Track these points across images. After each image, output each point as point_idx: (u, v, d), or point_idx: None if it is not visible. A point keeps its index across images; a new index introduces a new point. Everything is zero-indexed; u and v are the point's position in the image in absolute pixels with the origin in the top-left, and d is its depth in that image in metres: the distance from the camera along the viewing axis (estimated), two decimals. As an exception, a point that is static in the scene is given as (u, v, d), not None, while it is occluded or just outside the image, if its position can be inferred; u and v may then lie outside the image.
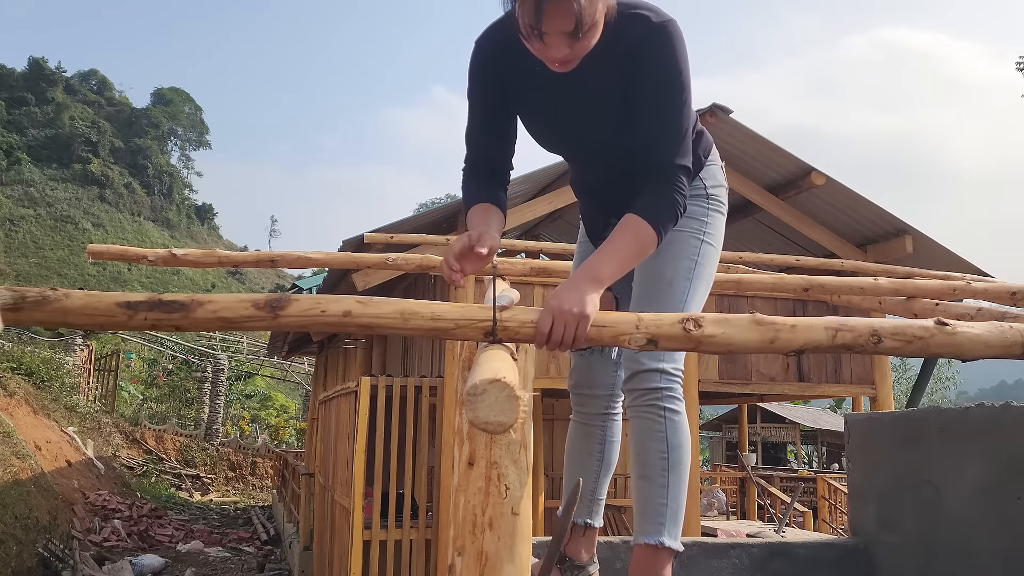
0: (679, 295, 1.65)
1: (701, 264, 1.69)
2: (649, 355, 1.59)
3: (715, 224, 1.74)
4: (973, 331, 1.15)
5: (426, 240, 3.74)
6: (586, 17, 1.33)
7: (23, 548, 7.96)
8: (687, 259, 1.67)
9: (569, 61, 1.43)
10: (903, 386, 24.57)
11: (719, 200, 1.76)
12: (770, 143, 6.59)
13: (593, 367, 1.84)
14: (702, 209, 1.71)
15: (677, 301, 1.64)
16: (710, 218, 1.72)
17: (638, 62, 1.47)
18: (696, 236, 1.69)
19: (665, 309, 1.62)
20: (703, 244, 1.70)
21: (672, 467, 1.61)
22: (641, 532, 1.62)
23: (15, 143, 65.85)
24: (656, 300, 1.64)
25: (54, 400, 13.14)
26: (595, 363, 1.83)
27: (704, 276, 1.70)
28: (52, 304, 1.08)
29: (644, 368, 1.61)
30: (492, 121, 1.62)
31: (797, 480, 12.92)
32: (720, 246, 1.78)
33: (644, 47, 1.46)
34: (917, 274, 3.18)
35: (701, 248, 1.69)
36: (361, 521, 5.41)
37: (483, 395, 0.85)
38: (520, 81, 1.57)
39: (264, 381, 28.00)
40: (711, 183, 1.74)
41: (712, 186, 1.74)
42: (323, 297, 1.16)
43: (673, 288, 1.65)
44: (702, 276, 1.69)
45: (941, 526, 2.38)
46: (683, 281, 1.66)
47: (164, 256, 2.67)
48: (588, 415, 1.87)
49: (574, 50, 1.39)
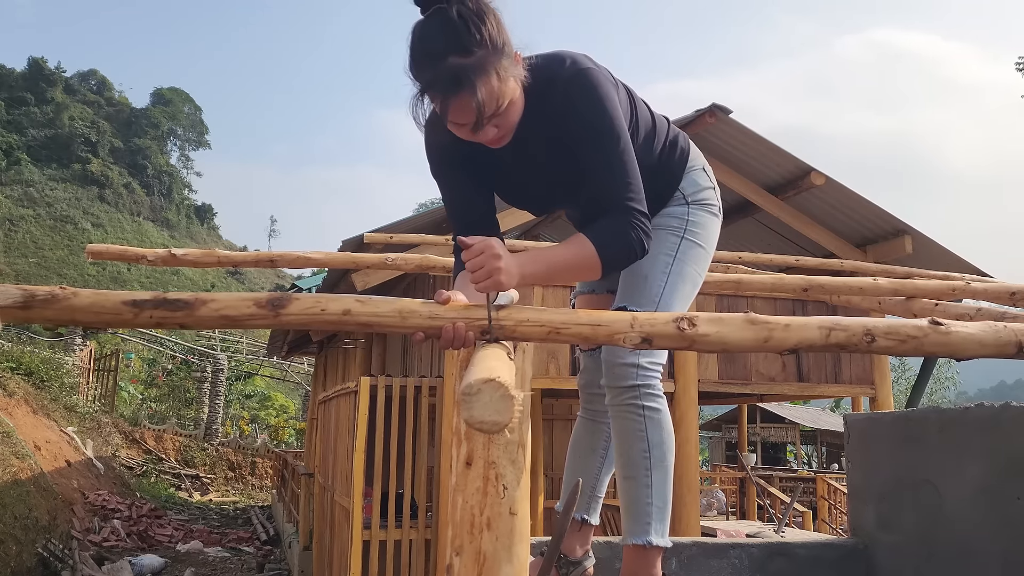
0: (655, 289, 1.66)
1: (681, 260, 1.69)
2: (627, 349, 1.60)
3: (700, 223, 1.74)
4: (967, 331, 1.14)
5: (426, 240, 3.74)
6: (489, 104, 1.35)
7: (23, 548, 7.96)
8: (664, 255, 1.68)
9: (500, 137, 1.45)
10: (902, 386, 24.57)
11: (705, 201, 1.76)
12: (769, 143, 6.59)
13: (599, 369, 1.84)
14: (682, 209, 1.72)
15: (653, 295, 1.65)
16: (692, 216, 1.73)
17: (564, 112, 1.48)
18: (675, 233, 1.70)
19: (641, 303, 1.64)
20: (683, 240, 1.70)
21: (655, 465, 1.64)
22: (629, 533, 1.65)
23: (15, 143, 65.79)
24: (633, 294, 1.66)
25: (54, 400, 13.14)
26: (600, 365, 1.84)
27: (685, 273, 1.70)
28: (61, 302, 1.10)
29: (620, 362, 1.63)
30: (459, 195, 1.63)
31: (797, 480, 12.92)
32: (710, 246, 1.77)
33: (565, 98, 1.47)
34: (916, 274, 3.18)
35: (681, 244, 1.70)
36: (361, 521, 5.41)
37: (478, 395, 0.85)
38: (472, 154, 1.58)
39: (264, 381, 27.99)
40: (691, 189, 1.75)
41: (693, 192, 1.75)
42: (323, 296, 1.16)
43: (649, 282, 1.66)
44: (682, 273, 1.69)
45: (941, 526, 2.39)
46: (659, 276, 1.67)
47: (163, 256, 2.67)
48: (596, 412, 1.88)
49: (499, 128, 1.42)
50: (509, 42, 1.39)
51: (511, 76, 1.39)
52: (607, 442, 1.87)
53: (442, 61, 1.32)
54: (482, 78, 1.33)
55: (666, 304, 1.66)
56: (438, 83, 1.33)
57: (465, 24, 1.32)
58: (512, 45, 1.40)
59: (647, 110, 1.70)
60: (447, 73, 1.32)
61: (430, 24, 1.36)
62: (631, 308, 1.62)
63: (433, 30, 1.35)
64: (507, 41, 1.38)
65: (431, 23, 1.35)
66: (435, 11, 1.35)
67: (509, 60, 1.38)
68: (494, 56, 1.35)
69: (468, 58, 1.32)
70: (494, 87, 1.35)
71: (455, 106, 1.35)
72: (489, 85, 1.34)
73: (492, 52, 1.34)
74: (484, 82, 1.33)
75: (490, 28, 1.34)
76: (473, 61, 1.32)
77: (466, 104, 1.34)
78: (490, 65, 1.34)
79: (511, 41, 1.40)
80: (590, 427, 1.90)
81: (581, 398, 1.92)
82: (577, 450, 1.92)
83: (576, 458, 1.91)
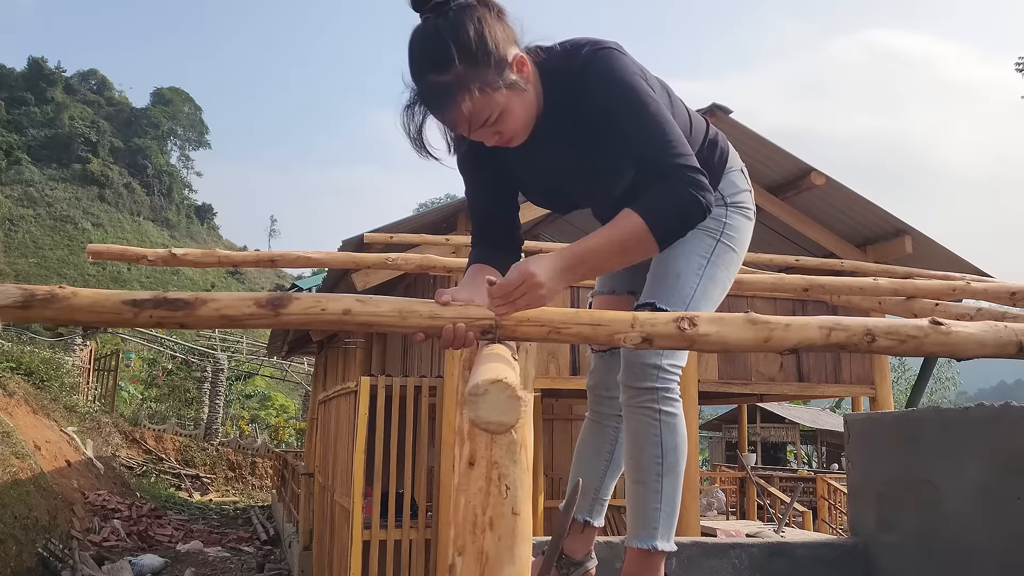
0: (687, 289, 1.60)
1: (714, 264, 1.64)
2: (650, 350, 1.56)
3: (736, 227, 1.69)
4: (967, 331, 1.15)
5: (426, 240, 3.74)
6: (475, 118, 1.34)
7: (23, 548, 7.96)
8: (699, 255, 1.63)
9: (507, 141, 1.44)
10: (902, 386, 24.57)
11: (741, 204, 1.71)
12: (770, 143, 6.59)
13: (612, 368, 1.80)
14: (720, 210, 1.66)
15: (685, 295, 1.60)
16: (730, 219, 1.67)
17: (586, 100, 1.44)
18: (711, 235, 1.64)
19: (671, 302, 1.59)
20: (719, 244, 1.65)
21: (667, 472, 1.61)
22: (634, 535, 1.63)
23: (15, 143, 65.79)
24: (664, 293, 1.60)
25: (54, 400, 13.14)
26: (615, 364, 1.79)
27: (717, 277, 1.65)
28: (61, 302, 1.10)
29: (642, 362, 1.59)
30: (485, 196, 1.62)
31: (797, 480, 12.92)
32: (742, 250, 1.72)
33: (584, 85, 1.43)
34: (917, 274, 3.18)
35: (716, 248, 1.65)
36: (361, 521, 5.41)
37: (485, 395, 0.85)
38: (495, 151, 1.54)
39: (264, 381, 27.97)
40: (730, 191, 1.69)
41: (731, 194, 1.69)
42: (323, 296, 1.17)
43: (681, 282, 1.61)
44: (714, 276, 1.64)
45: (941, 526, 2.39)
46: (692, 276, 1.61)
47: (164, 256, 2.67)
48: (603, 415, 1.86)
49: (502, 134, 1.41)
50: (499, 50, 1.34)
51: (501, 87, 1.35)
52: (612, 445, 1.85)
53: (423, 79, 1.33)
54: (462, 94, 1.31)
55: (696, 306, 1.60)
56: (422, 99, 1.35)
57: (443, 39, 1.30)
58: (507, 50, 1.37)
59: (684, 109, 1.64)
60: (426, 90, 1.33)
61: (415, 36, 1.35)
62: (660, 306, 1.57)
63: (416, 43, 1.35)
64: (495, 50, 1.33)
65: (416, 35, 1.35)
66: (422, 21, 1.35)
67: (497, 71, 1.34)
68: (474, 71, 1.31)
69: (445, 76, 1.31)
70: (475, 100, 1.32)
71: (444, 120, 1.36)
72: (472, 100, 1.32)
73: (471, 67, 1.31)
74: (466, 98, 1.31)
75: (470, 41, 1.31)
76: (450, 79, 1.30)
77: (450, 118, 1.35)
78: (470, 81, 1.31)
79: (506, 46, 1.36)
80: (596, 429, 1.87)
81: (589, 399, 1.89)
82: (582, 452, 1.89)
83: (580, 461, 1.89)
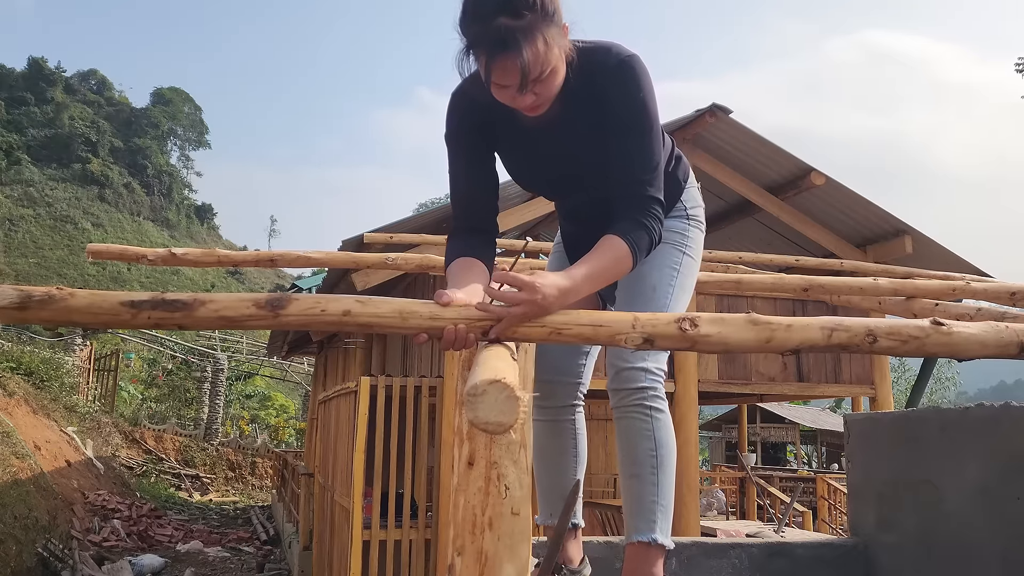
0: (663, 299, 1.72)
1: (683, 274, 1.77)
2: (633, 353, 1.61)
3: (695, 239, 1.82)
4: (969, 331, 1.15)
5: (426, 240, 3.74)
6: (533, 69, 1.36)
7: (23, 548, 7.96)
8: (670, 268, 1.74)
9: (538, 106, 1.46)
10: (902, 386, 24.58)
11: (699, 219, 1.85)
12: (770, 143, 6.59)
13: (562, 354, 1.84)
14: (683, 224, 1.79)
15: (660, 306, 1.71)
16: (691, 233, 1.81)
17: (607, 97, 1.51)
18: (678, 248, 1.77)
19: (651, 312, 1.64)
20: (684, 256, 1.78)
21: (661, 465, 1.64)
22: (633, 530, 1.64)
23: (15, 143, 65.77)
24: (641, 304, 1.69)
25: (53, 400, 13.13)
26: (563, 350, 1.84)
27: (685, 286, 1.77)
28: (57, 303, 1.09)
29: (629, 366, 1.64)
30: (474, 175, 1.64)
31: (796, 480, 12.93)
32: (699, 260, 1.86)
33: (611, 82, 1.50)
34: (917, 274, 3.18)
35: (683, 260, 1.77)
36: (361, 521, 5.41)
37: (483, 395, 0.85)
38: (497, 127, 1.60)
39: (264, 381, 27.97)
40: (691, 204, 1.83)
41: (692, 207, 1.83)
42: (323, 296, 1.16)
43: (657, 293, 1.72)
44: (683, 285, 1.77)
45: (941, 526, 2.39)
46: (666, 287, 1.73)
47: (164, 255, 2.68)
48: (555, 409, 1.84)
49: (538, 96, 1.43)
50: (560, 11, 1.40)
51: (557, 45, 1.39)
52: (574, 439, 1.85)
53: (492, 20, 1.32)
54: (529, 41, 1.33)
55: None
56: (485, 42, 1.34)
57: None
58: (562, 15, 1.41)
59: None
60: (495, 33, 1.32)
61: None
62: None
63: None
64: (558, 9, 1.39)
65: None
66: None
67: (558, 29, 1.39)
68: (543, 22, 1.35)
69: (518, 20, 1.32)
70: (540, 52, 1.35)
71: (498, 67, 1.35)
72: (535, 49, 1.34)
73: (542, 17, 1.35)
74: (530, 46, 1.33)
75: None
76: (522, 24, 1.32)
77: (510, 66, 1.34)
78: (538, 30, 1.34)
79: (561, 10, 1.41)
80: (552, 428, 1.85)
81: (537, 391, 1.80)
82: (545, 457, 1.86)
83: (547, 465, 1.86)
